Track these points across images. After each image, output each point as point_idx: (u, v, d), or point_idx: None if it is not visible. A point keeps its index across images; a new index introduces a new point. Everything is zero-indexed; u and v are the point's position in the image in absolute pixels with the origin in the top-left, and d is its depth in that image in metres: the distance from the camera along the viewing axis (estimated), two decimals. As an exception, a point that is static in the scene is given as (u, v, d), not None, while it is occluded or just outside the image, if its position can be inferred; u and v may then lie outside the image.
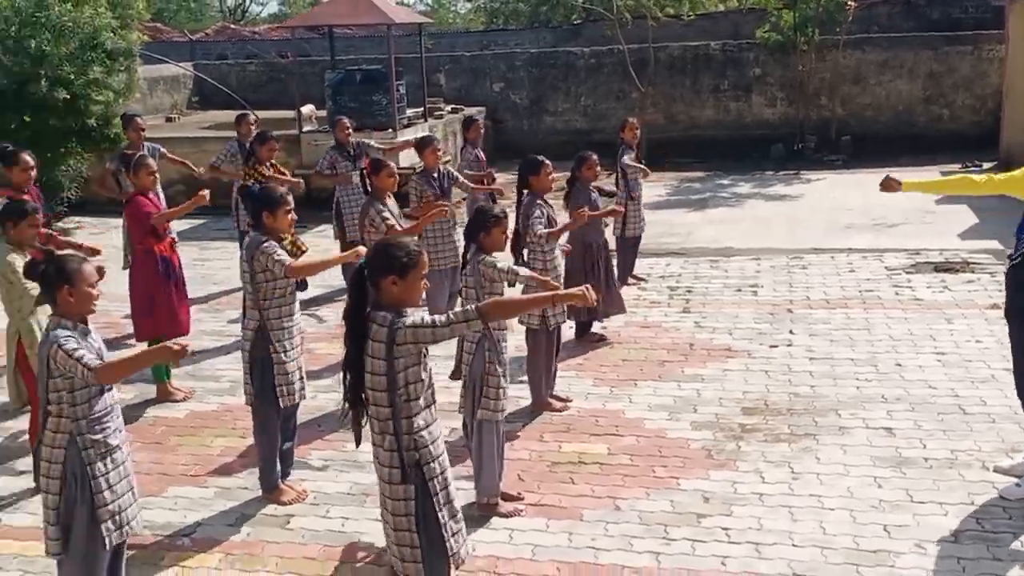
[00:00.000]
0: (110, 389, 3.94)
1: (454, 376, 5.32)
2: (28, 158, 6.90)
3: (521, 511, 5.19)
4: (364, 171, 6.96)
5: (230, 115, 15.38)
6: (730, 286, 9.39)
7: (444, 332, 3.47)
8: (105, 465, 3.88)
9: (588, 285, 3.75)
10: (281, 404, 5.19)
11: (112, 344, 7.98)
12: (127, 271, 7.26)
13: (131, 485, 4.04)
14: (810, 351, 7.46)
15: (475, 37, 26.58)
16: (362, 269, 3.55)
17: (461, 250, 5.75)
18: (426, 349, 3.59)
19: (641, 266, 9.91)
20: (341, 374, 3.75)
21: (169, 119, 17.99)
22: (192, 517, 5.26)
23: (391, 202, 6.78)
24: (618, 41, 17.97)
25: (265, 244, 5.05)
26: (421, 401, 3.60)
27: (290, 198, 5.18)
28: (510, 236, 5.41)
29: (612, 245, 8.97)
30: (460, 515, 3.77)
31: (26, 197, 6.73)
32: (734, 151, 17.60)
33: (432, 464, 3.64)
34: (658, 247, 10.87)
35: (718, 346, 7.69)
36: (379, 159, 6.84)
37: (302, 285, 7.71)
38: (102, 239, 11.01)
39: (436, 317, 3.49)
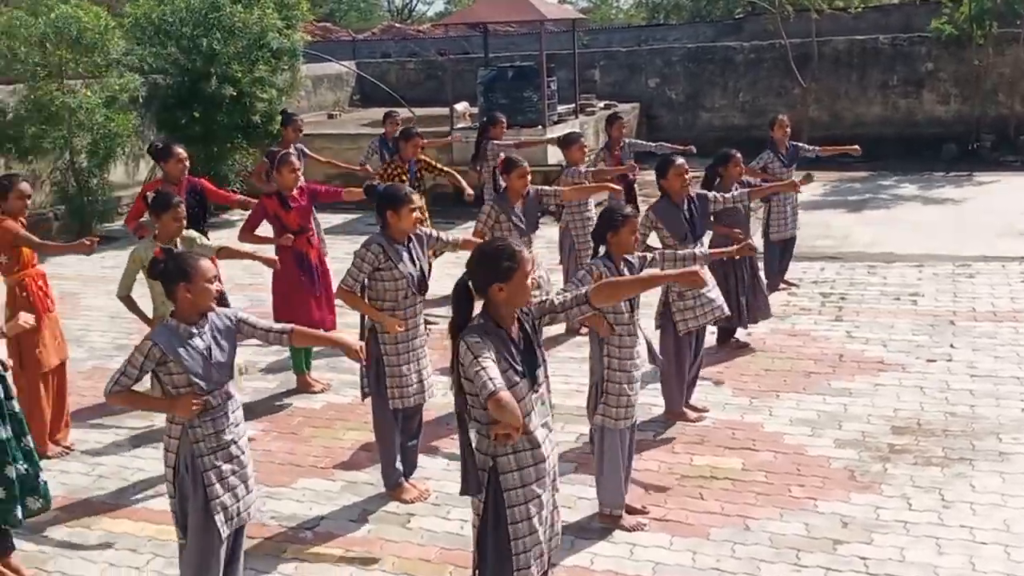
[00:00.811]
0: (223, 384, 3.98)
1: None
2: (181, 151, 7.18)
3: (644, 525, 4.99)
4: (496, 170, 6.87)
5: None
6: (888, 294, 8.84)
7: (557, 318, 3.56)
8: (216, 458, 3.93)
9: (704, 268, 3.57)
10: (391, 406, 5.16)
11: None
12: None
13: (246, 477, 4.07)
14: (972, 367, 6.91)
15: (632, 33, 26.25)
16: (465, 281, 3.46)
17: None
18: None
19: (794, 270, 9.48)
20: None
21: (331, 116, 18.56)
22: (317, 510, 5.33)
23: (519, 203, 6.66)
24: (780, 35, 17.32)
25: (363, 246, 5.08)
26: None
27: (415, 197, 5.14)
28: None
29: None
30: (547, 540, 3.62)
31: (175, 190, 7.03)
32: (903, 150, 16.65)
33: (511, 475, 3.49)
34: (812, 250, 10.37)
35: (870, 358, 7.23)
36: (513, 158, 6.73)
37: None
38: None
39: (552, 299, 3.55)
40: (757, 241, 9.30)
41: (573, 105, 15.65)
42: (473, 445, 3.52)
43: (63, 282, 10.54)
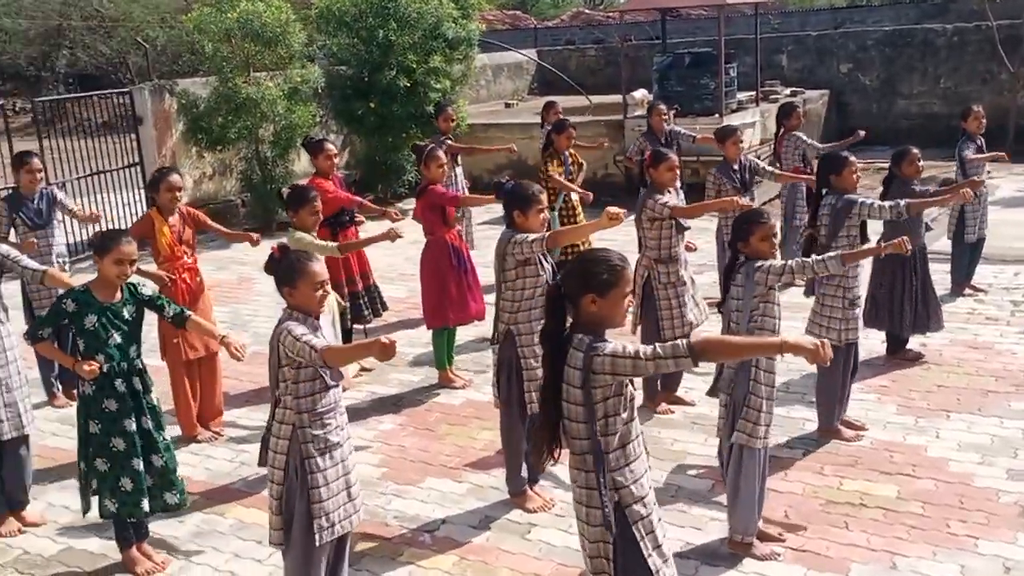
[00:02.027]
0: (335, 386, 3.93)
1: (711, 393, 4.84)
2: (331, 146, 7.30)
3: (779, 555, 4.61)
4: (643, 163, 6.55)
5: (567, 100, 15.60)
6: (1093, 305, 7.92)
7: (647, 367, 3.07)
8: (324, 461, 3.88)
9: (825, 342, 3.11)
10: (528, 412, 5.00)
11: (394, 327, 8.32)
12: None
13: (348, 484, 4.01)
14: None
15: (827, 16, 24.95)
16: (559, 286, 3.23)
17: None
18: (630, 382, 3.20)
19: (983, 274, 8.65)
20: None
21: (508, 105, 18.58)
22: (440, 512, 5.25)
23: (671, 197, 6.31)
24: (986, 16, 15.92)
25: (511, 239, 4.89)
26: (617, 438, 3.21)
27: (544, 197, 4.93)
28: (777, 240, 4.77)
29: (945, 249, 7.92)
30: (671, 559, 3.35)
31: (329, 184, 7.14)
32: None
33: (635, 507, 3.24)
34: (1004, 253, 9.40)
35: (1063, 378, 6.47)
36: (661, 151, 6.39)
37: None
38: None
39: (641, 349, 3.09)
40: (941, 244, 8.57)
41: (754, 92, 14.95)
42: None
43: (242, 267, 11.06)
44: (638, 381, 5.33)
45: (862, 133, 9.43)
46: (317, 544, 3.88)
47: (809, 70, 18.37)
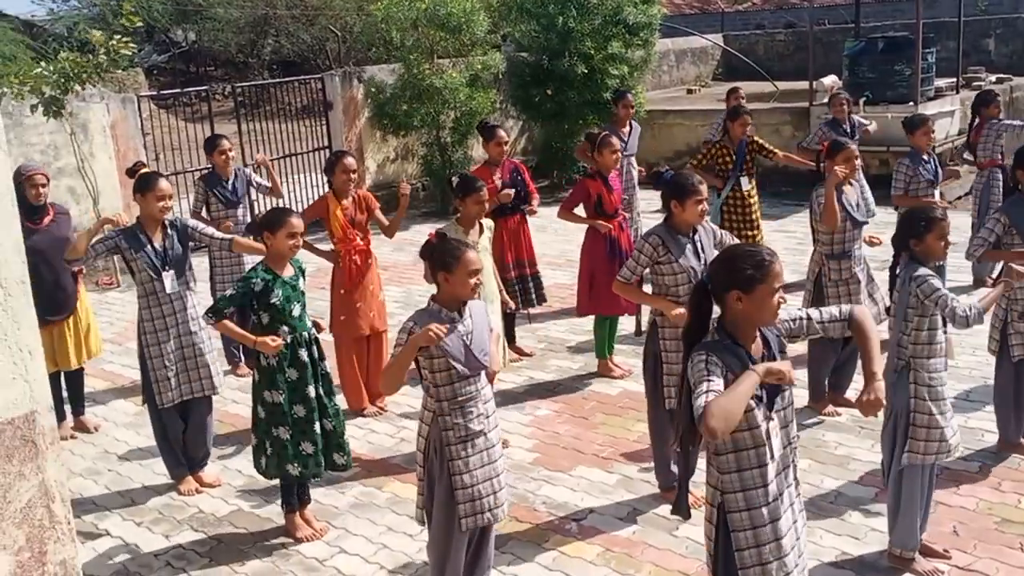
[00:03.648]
0: (479, 372, 3.97)
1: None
2: (503, 133, 7.36)
3: (942, 573, 4.34)
4: (820, 153, 6.26)
5: (752, 87, 15.19)
6: None
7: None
8: (465, 449, 3.92)
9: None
10: (666, 406, 4.91)
11: (558, 314, 8.31)
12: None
13: (496, 472, 4.01)
14: None
15: (1047, -5, 23.03)
16: (704, 283, 3.13)
17: None
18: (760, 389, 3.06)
19: None
20: None
21: (690, 91, 18.25)
22: (588, 502, 5.24)
23: (850, 190, 6.00)
24: None
25: (643, 237, 4.87)
26: (729, 442, 3.06)
27: (703, 187, 4.80)
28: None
29: None
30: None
31: (497, 173, 7.23)
32: None
33: (737, 516, 3.09)
34: None
35: None
36: (840, 140, 6.08)
37: None
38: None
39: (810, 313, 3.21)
40: None
41: (954, 79, 14.05)
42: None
43: (417, 249, 11.38)
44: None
45: None
46: (461, 530, 3.94)
47: (1020, 55, 17.09)
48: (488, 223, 6.13)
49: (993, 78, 15.37)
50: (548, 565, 4.66)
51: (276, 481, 5.08)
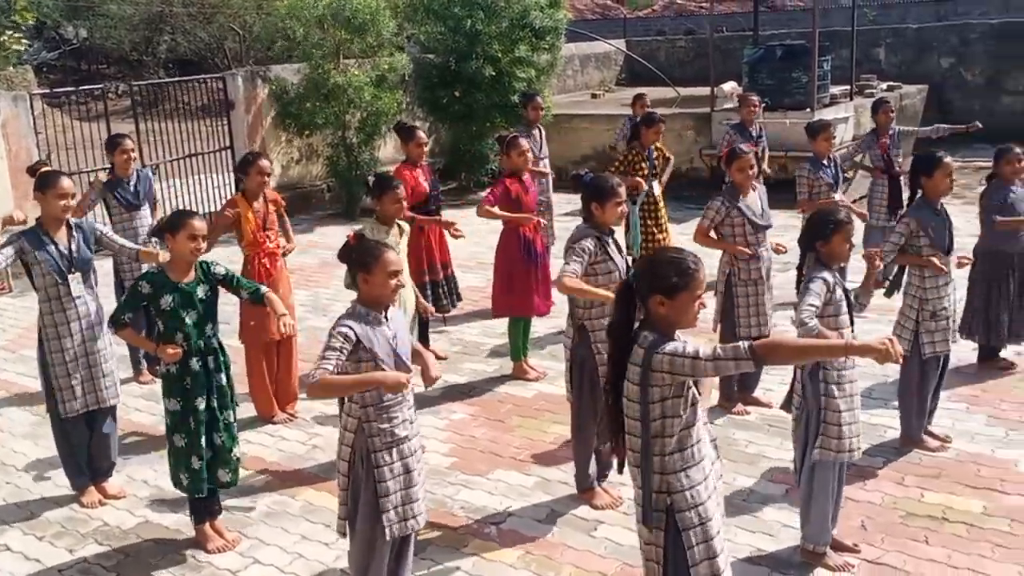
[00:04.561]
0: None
1: (785, 407, 4.72)
2: (422, 135, 7.31)
3: (852, 567, 4.46)
4: (719, 159, 6.39)
5: (655, 92, 15.42)
6: None
7: (706, 367, 2.98)
8: (391, 455, 3.86)
9: (893, 338, 2.98)
10: (597, 410, 4.93)
11: (471, 316, 8.31)
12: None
13: (420, 478, 3.98)
14: None
15: (931, 8, 24.08)
16: (630, 283, 3.15)
17: None
18: (694, 383, 3.11)
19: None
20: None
21: (594, 95, 18.43)
22: (507, 505, 5.22)
23: (753, 197, 6.14)
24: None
25: (577, 241, 4.85)
26: (675, 440, 3.12)
27: (622, 190, 4.85)
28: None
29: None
30: (726, 572, 3.24)
31: (418, 172, 7.17)
32: None
33: (688, 513, 3.14)
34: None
35: None
36: (736, 148, 6.21)
37: None
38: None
39: (702, 349, 2.99)
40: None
41: (848, 87, 14.53)
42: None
43: (327, 251, 11.20)
44: (712, 382, 5.24)
45: (979, 124, 9.15)
46: (387, 538, 3.87)
47: (908, 64, 17.80)
48: (405, 226, 6.06)
49: (884, 86, 15.96)
50: (468, 570, 4.63)
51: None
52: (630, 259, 5.63)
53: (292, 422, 6.46)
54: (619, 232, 5.37)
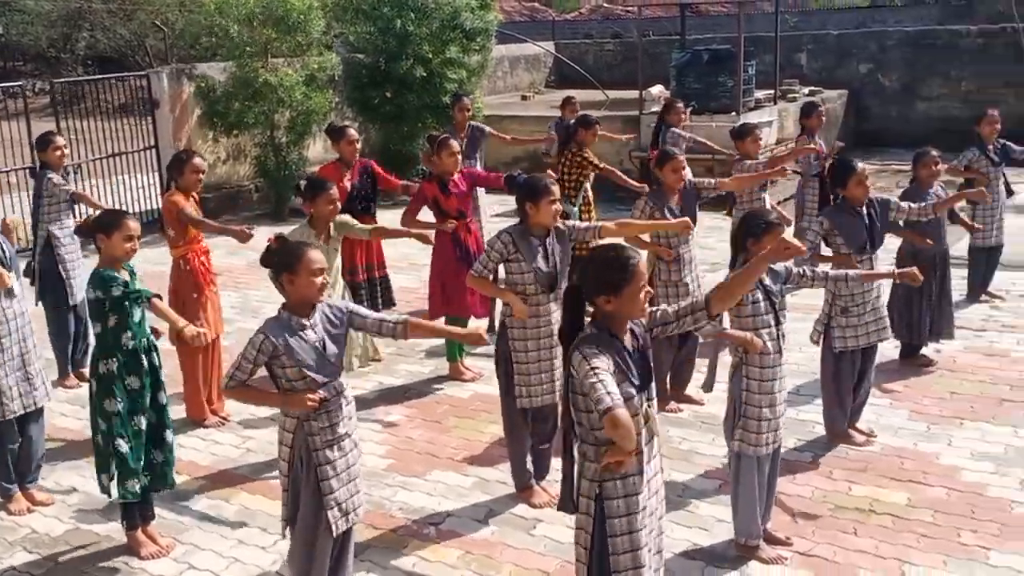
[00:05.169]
0: (336, 377, 3.88)
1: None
2: (353, 133, 7.29)
3: (785, 559, 4.57)
4: (648, 162, 6.49)
5: (584, 94, 15.53)
6: (1112, 315, 7.82)
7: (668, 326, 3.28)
8: (332, 452, 3.85)
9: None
10: (519, 405, 4.98)
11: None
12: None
13: (357, 475, 3.98)
14: None
15: (851, 15, 24.78)
16: (576, 286, 3.20)
17: None
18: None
19: (1000, 280, 8.56)
20: None
21: (524, 97, 18.51)
22: (445, 505, 5.22)
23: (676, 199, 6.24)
24: (1012, 18, 15.77)
25: (496, 235, 4.94)
26: (603, 434, 3.17)
27: (555, 189, 4.89)
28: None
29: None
30: (649, 566, 3.31)
31: (347, 173, 7.13)
32: None
33: (614, 502, 3.21)
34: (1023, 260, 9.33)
35: (1079, 388, 6.40)
36: (666, 150, 6.30)
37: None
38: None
39: (666, 309, 3.29)
40: (960, 248, 8.47)
41: (772, 91, 14.86)
42: (576, 469, 3.29)
43: (253, 253, 11.01)
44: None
45: (841, 144, 9.60)
46: (328, 532, 3.85)
47: (828, 70, 18.26)
48: (344, 226, 6.01)
49: (806, 90, 16.34)
50: (408, 570, 4.62)
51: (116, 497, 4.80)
52: None
53: (224, 425, 6.37)
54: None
